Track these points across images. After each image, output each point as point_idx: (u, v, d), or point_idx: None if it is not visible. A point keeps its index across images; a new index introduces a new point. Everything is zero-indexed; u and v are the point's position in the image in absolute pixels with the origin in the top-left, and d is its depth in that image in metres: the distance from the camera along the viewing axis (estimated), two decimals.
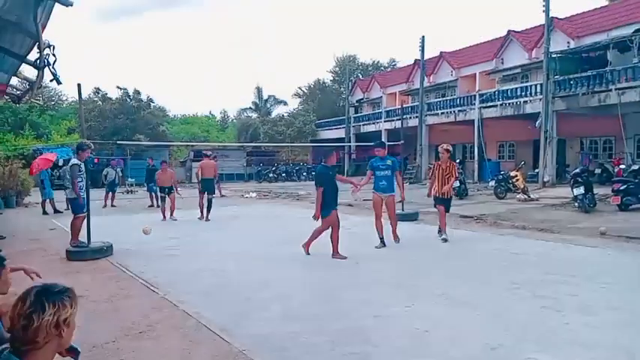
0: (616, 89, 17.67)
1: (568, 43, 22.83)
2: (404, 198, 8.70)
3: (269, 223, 12.52)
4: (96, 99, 33.97)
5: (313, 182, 7.87)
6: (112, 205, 17.08)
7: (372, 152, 9.03)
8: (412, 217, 12.13)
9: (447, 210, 9.12)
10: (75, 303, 1.85)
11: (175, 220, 13.04)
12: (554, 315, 4.75)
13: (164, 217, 13.28)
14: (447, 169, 9.00)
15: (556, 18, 22.87)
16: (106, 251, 8.09)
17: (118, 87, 35.12)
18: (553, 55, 20.42)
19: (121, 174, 19.30)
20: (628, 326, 4.41)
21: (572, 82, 19.49)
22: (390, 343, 4.08)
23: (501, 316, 4.78)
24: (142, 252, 8.41)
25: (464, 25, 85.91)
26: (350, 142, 36.32)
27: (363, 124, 36.01)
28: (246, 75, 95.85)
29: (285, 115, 43.73)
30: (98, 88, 34.39)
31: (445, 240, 8.81)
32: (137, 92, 35.19)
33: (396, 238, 8.71)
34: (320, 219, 7.63)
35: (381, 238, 8.43)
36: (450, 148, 9.39)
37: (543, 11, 19.85)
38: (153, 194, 16.37)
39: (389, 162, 8.59)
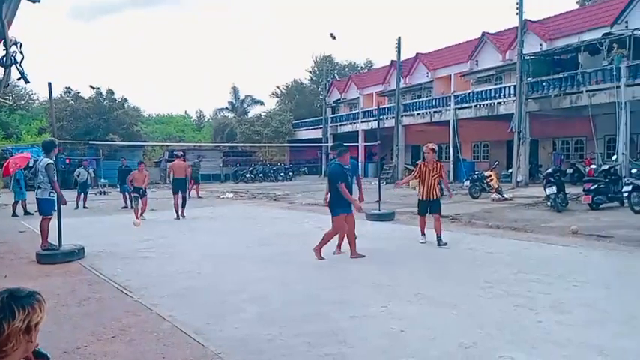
0: (587, 91, 18.09)
1: (541, 45, 23.30)
2: (363, 199, 8.03)
3: (245, 223, 12.42)
4: (68, 98, 33.23)
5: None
6: (85, 207, 16.72)
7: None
8: (388, 217, 12.19)
9: (440, 212, 8.63)
10: (44, 306, 1.78)
11: (144, 219, 12.96)
12: (527, 313, 4.82)
13: (137, 217, 13.10)
14: (435, 169, 8.52)
15: (529, 21, 23.33)
16: (77, 254, 7.91)
17: (91, 86, 34.46)
18: (526, 57, 20.81)
19: (93, 175, 18.90)
20: (599, 324, 4.50)
21: (544, 84, 19.89)
22: (367, 344, 4.08)
23: (476, 315, 4.82)
24: (116, 254, 8.25)
25: (440, 26, 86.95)
26: (327, 142, 36.41)
27: (341, 125, 36.09)
28: (223, 74, 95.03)
29: (263, 114, 43.58)
30: (70, 88, 33.71)
31: (445, 244, 8.26)
32: (111, 92, 34.60)
33: (355, 254, 7.53)
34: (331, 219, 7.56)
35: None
36: (436, 148, 8.83)
37: (517, 14, 20.21)
38: (126, 195, 16.10)
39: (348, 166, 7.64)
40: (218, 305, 5.23)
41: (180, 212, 13.38)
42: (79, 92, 33.64)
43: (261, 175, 34.15)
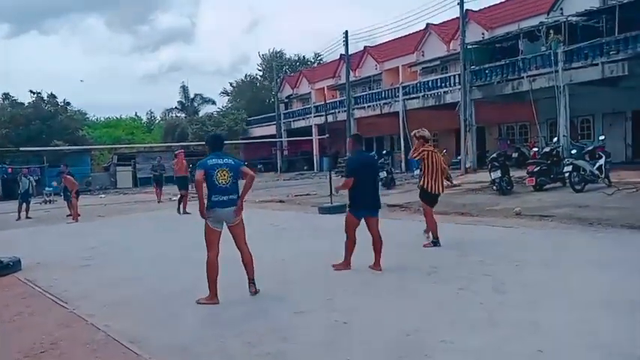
0: (527, 77, 18.65)
1: (482, 34, 23.89)
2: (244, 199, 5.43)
3: (190, 225, 11.96)
4: (6, 104, 31.63)
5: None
6: (28, 217, 15.93)
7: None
8: (340, 210, 12.14)
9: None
10: None
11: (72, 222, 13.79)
12: (469, 296, 4.88)
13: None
14: (438, 158, 7.38)
15: (470, 11, 23.88)
16: (12, 267, 7.49)
17: (30, 91, 32.90)
18: (469, 47, 21.29)
19: (35, 183, 18.02)
20: (537, 302, 4.58)
21: (487, 72, 20.41)
22: (308, 339, 4.01)
23: (420, 301, 4.84)
24: (55, 264, 7.85)
25: (386, 19, 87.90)
26: (281, 137, 36.21)
27: (294, 120, 35.94)
28: (171, 74, 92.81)
29: (214, 113, 42.86)
30: (7, 94, 32.04)
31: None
32: (52, 96, 33.14)
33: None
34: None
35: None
36: (425, 134, 7.56)
37: (458, 4, 20.62)
38: (68, 202, 15.52)
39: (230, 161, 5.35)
40: (158, 311, 5.04)
41: (181, 208, 13.82)
42: (16, 99, 32.08)
43: None
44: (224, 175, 5.15)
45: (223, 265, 5.27)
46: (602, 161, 13.04)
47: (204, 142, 6.27)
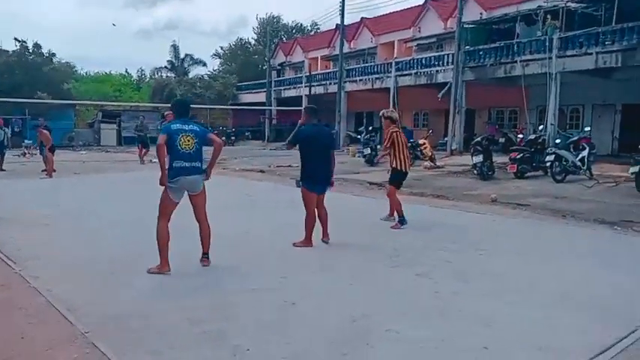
0: (521, 61, 18.35)
1: (481, 14, 23.40)
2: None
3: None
4: None
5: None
6: (1, 169, 15.60)
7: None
8: None
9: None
10: None
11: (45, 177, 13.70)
12: (426, 283, 4.76)
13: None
14: (404, 138, 7.31)
15: None
16: None
17: (15, 39, 31.85)
18: (465, 26, 20.85)
19: (10, 135, 17.56)
20: (495, 294, 4.48)
21: (481, 53, 20.05)
22: (252, 319, 3.86)
23: (375, 286, 4.72)
24: (15, 221, 7.61)
25: None
26: (271, 106, 35.70)
27: (284, 89, 35.34)
28: (166, 32, 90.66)
29: (204, 76, 42.07)
30: None
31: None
32: (37, 46, 32.16)
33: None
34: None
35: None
36: (393, 115, 7.46)
37: None
38: (44, 157, 15.18)
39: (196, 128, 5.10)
40: (106, 278, 4.86)
41: None
42: (0, 46, 31.09)
43: None
44: (188, 141, 4.92)
45: (182, 234, 5.10)
46: (585, 153, 12.94)
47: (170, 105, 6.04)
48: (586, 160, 12.84)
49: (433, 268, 5.20)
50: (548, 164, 12.68)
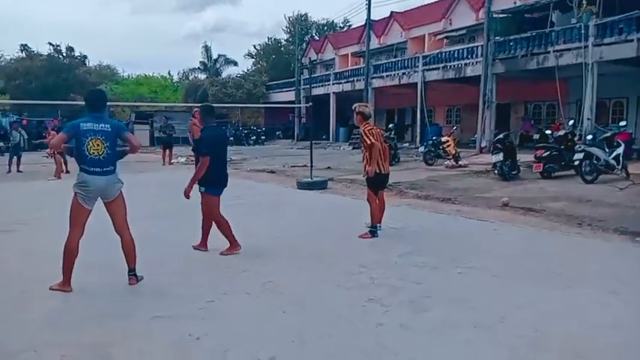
0: (554, 51, 16.98)
1: (515, 2, 21.98)
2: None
3: (161, 192, 11.13)
4: (24, 56, 31.54)
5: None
6: (19, 171, 15.67)
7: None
8: (319, 186, 11.23)
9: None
10: None
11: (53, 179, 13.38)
12: (374, 311, 3.97)
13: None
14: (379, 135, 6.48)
15: None
16: None
17: (49, 43, 32.68)
18: (495, 16, 19.56)
19: (26, 136, 17.61)
20: (454, 328, 3.62)
21: (511, 44, 18.76)
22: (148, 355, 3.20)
23: (311, 313, 3.97)
24: None
25: None
26: (301, 104, 35.13)
27: (313, 87, 34.63)
28: (211, 34, 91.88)
29: (236, 76, 42.00)
30: (26, 45, 31.91)
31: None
32: (70, 49, 32.89)
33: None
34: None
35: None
36: (365, 110, 6.51)
37: None
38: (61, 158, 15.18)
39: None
40: (9, 298, 4.31)
41: None
42: (34, 50, 31.89)
43: (231, 138, 32.90)
44: (97, 146, 4.31)
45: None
46: (620, 150, 11.62)
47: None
48: (621, 157, 11.52)
49: (393, 291, 4.39)
50: (576, 163, 11.46)
